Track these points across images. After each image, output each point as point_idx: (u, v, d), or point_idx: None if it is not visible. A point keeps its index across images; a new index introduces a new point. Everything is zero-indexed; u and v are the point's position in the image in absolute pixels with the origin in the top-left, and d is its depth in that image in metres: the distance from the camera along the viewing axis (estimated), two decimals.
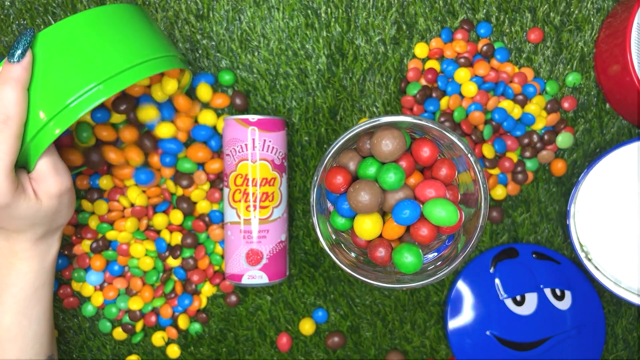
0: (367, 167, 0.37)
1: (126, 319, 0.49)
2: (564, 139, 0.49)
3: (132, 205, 0.47)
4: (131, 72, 0.35)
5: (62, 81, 0.33)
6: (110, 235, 0.47)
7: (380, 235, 0.39)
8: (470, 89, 0.47)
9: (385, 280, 0.37)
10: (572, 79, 0.50)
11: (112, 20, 0.35)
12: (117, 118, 0.44)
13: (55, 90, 0.33)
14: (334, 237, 0.39)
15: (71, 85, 0.33)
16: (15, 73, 0.32)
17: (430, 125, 0.35)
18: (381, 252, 0.37)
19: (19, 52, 0.32)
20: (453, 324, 0.49)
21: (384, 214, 0.39)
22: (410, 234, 0.38)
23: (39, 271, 0.39)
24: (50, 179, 0.36)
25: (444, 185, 0.36)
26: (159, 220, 0.47)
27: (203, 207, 0.48)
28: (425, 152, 0.37)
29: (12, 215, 0.35)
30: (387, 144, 0.35)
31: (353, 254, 0.40)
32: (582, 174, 0.46)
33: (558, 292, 0.49)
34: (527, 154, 0.49)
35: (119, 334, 0.49)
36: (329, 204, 0.41)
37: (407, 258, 0.36)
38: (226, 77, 0.48)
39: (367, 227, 0.37)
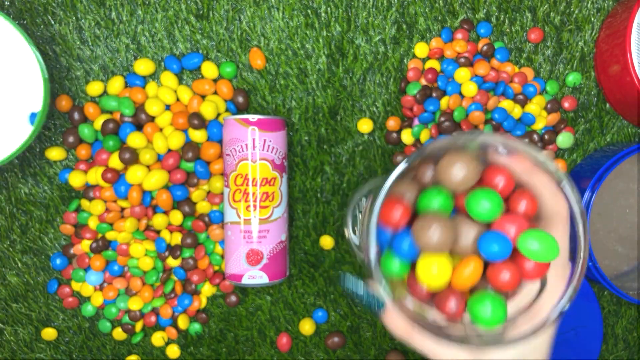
0: (431, 198, 0.30)
1: (126, 319, 0.49)
2: (564, 139, 0.49)
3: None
4: None
5: None
6: (110, 235, 0.47)
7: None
8: (470, 88, 0.47)
9: (461, 339, 0.29)
10: (572, 78, 0.49)
11: None
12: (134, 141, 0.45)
13: None
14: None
15: None
16: None
17: (525, 149, 0.28)
18: (452, 305, 0.30)
19: None
20: None
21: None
22: (487, 278, 0.31)
23: None
24: None
25: (527, 221, 0.30)
26: (159, 220, 0.47)
27: (203, 207, 0.48)
28: (500, 181, 0.30)
29: None
30: (458, 171, 0.29)
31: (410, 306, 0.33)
32: (594, 190, 0.45)
33: None
34: None
35: (118, 334, 0.49)
36: (371, 244, 0.33)
37: (488, 310, 0.29)
38: (227, 70, 0.48)
39: (434, 272, 0.30)
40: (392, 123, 0.49)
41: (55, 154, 0.47)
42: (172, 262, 0.48)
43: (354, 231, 0.47)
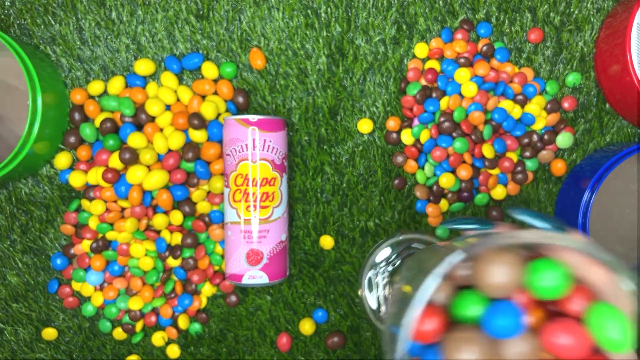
0: (466, 305, 0.25)
1: (126, 319, 0.49)
2: (564, 139, 0.49)
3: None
4: None
5: None
6: (110, 235, 0.47)
7: None
8: (470, 89, 0.47)
9: None
10: (572, 79, 0.50)
11: None
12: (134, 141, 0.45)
13: None
14: None
15: None
16: None
17: (579, 246, 0.24)
18: None
19: None
20: None
21: None
22: None
23: None
24: None
25: (582, 327, 0.25)
26: (159, 220, 0.47)
27: (203, 207, 0.48)
28: None
29: None
30: (500, 276, 0.24)
31: None
32: (593, 190, 0.45)
33: None
34: (527, 153, 0.49)
35: (119, 334, 0.49)
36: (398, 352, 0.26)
37: None
38: (227, 70, 0.48)
39: None
40: (392, 123, 0.49)
41: (64, 160, 0.47)
42: (172, 262, 0.48)
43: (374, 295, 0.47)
